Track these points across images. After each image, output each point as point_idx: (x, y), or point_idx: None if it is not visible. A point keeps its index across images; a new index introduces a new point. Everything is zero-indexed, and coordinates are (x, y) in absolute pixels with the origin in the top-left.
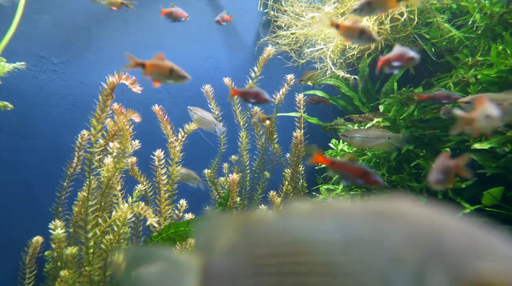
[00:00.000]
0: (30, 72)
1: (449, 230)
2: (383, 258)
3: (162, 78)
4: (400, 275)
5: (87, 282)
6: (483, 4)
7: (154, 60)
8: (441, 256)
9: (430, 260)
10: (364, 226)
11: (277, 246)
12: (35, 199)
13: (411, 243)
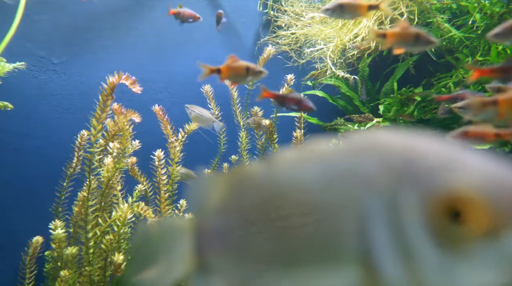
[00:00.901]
0: (30, 72)
1: (421, 150)
2: (357, 187)
3: (240, 79)
4: (375, 202)
5: (87, 282)
6: (483, 4)
7: (227, 63)
8: (412, 176)
9: (401, 182)
10: (340, 160)
11: (262, 195)
12: (35, 199)
13: (383, 168)
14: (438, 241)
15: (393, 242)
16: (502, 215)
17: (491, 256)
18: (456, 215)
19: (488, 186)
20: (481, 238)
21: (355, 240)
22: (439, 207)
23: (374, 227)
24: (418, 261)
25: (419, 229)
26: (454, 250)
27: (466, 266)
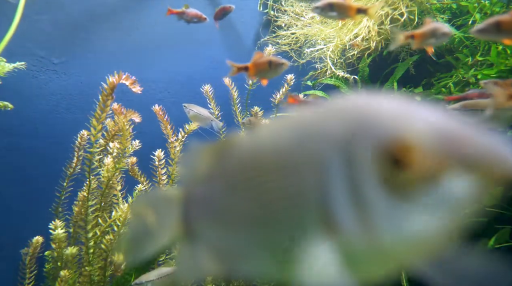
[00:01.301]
0: (30, 72)
1: (376, 107)
2: (320, 145)
3: (264, 74)
4: (335, 158)
5: (87, 282)
6: (483, 4)
7: (253, 59)
8: (365, 130)
9: (356, 136)
10: (308, 122)
11: (243, 161)
12: (35, 199)
13: (342, 126)
14: (386, 189)
15: (349, 194)
16: (441, 160)
17: (433, 201)
18: (401, 162)
19: (429, 134)
20: (423, 183)
21: (318, 195)
22: (385, 156)
23: (334, 181)
24: (370, 211)
25: (370, 180)
26: (400, 197)
27: (412, 211)
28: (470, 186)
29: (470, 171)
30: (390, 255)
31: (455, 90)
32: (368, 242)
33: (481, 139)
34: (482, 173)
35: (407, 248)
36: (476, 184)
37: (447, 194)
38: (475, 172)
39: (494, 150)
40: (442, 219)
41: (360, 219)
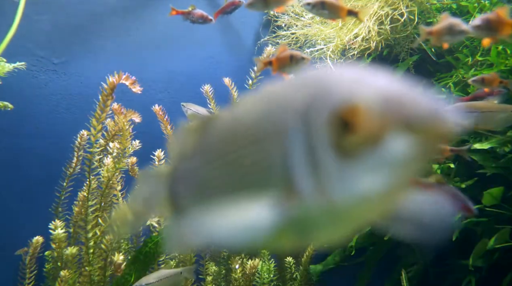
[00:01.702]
0: (30, 72)
1: (335, 77)
2: (285, 114)
3: (287, 68)
4: (296, 125)
5: (87, 282)
6: (483, 4)
7: (277, 54)
8: (321, 97)
9: (313, 103)
10: (278, 93)
11: (220, 136)
12: (35, 199)
13: (303, 94)
14: (338, 152)
15: (306, 159)
16: (384, 121)
17: (378, 160)
18: (349, 125)
19: (374, 97)
20: (369, 144)
21: (281, 162)
22: (336, 120)
23: (294, 148)
24: (324, 173)
25: (323, 144)
26: (350, 159)
27: (359, 172)
28: (412, 145)
29: (411, 130)
30: (344, 215)
31: (455, 90)
32: (323, 204)
33: (422, 101)
34: (421, 132)
35: (358, 207)
36: (417, 142)
37: (391, 153)
38: (415, 131)
39: (433, 111)
40: (388, 177)
41: (315, 182)
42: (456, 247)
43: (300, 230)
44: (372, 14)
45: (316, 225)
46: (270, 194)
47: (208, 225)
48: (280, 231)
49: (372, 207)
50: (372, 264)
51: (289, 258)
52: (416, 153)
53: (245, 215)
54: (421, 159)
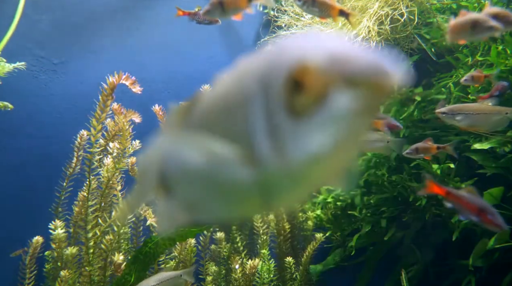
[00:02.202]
0: (30, 72)
1: (294, 43)
2: (251, 81)
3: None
4: (259, 91)
5: (87, 282)
6: (483, 4)
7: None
8: (278, 61)
9: (271, 68)
10: (244, 67)
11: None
12: (35, 199)
13: (265, 61)
14: (291, 112)
15: (265, 123)
16: (330, 78)
17: (325, 118)
18: (300, 84)
19: (321, 56)
20: (316, 103)
21: (245, 127)
22: (287, 81)
23: (255, 112)
24: (280, 135)
25: (279, 105)
26: (301, 119)
27: (310, 131)
28: (356, 100)
29: (354, 85)
30: (301, 175)
31: (455, 90)
32: (282, 165)
33: (365, 56)
34: (364, 86)
35: (313, 166)
36: (361, 97)
37: (337, 109)
38: (358, 86)
39: (373, 64)
40: (337, 133)
41: (273, 144)
42: (456, 247)
43: (264, 193)
44: (372, 14)
45: (277, 187)
46: (238, 159)
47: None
48: (248, 194)
49: (325, 164)
50: (372, 264)
51: (289, 258)
52: (361, 107)
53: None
54: (366, 113)
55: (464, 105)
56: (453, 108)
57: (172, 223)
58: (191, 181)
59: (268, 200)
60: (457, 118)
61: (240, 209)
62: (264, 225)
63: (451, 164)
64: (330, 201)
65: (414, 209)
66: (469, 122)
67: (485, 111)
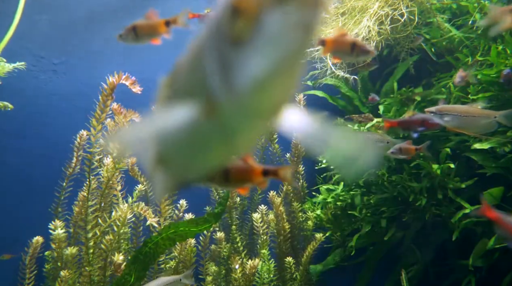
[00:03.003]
0: (30, 72)
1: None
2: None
3: (344, 55)
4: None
5: (87, 282)
6: (483, 4)
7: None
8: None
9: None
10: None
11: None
12: (35, 199)
13: (218, 9)
14: (234, 42)
15: (216, 59)
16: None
17: (263, 40)
18: (238, 11)
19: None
20: (252, 25)
21: (203, 74)
22: (227, 11)
23: (209, 55)
24: (226, 65)
25: (225, 38)
26: (241, 45)
27: (251, 55)
28: (290, 16)
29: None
30: (251, 105)
31: (455, 90)
32: (232, 98)
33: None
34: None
35: (260, 92)
36: (294, 11)
37: (273, 28)
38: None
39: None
40: (277, 52)
41: (223, 78)
42: (456, 247)
43: (227, 135)
44: (372, 14)
45: (235, 125)
46: (200, 112)
47: (182, 165)
48: (214, 142)
49: (272, 89)
50: (372, 264)
51: (289, 258)
52: (294, 22)
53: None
54: (302, 29)
55: (453, 106)
56: (442, 109)
57: (165, 190)
58: (172, 146)
59: (232, 142)
60: (445, 118)
61: (213, 159)
62: (264, 225)
63: (451, 164)
64: (330, 201)
65: (414, 209)
66: (457, 124)
67: (473, 114)
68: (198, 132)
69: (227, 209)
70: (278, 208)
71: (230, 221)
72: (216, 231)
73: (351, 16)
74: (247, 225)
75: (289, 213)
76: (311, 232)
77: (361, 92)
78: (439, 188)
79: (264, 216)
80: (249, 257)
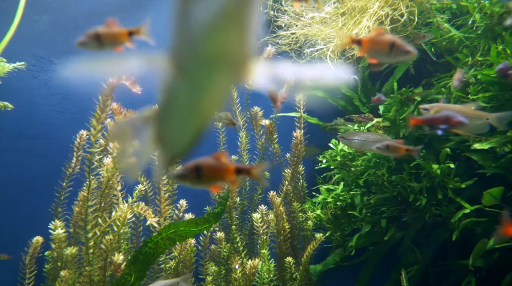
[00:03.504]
0: (30, 72)
1: None
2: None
3: (381, 56)
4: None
5: (87, 282)
6: (483, 4)
7: (371, 34)
8: None
9: None
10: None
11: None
12: (35, 199)
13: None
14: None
15: (178, 9)
16: None
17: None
18: None
19: None
20: None
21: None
22: None
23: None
24: (185, 15)
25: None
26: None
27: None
28: None
29: None
30: (208, 54)
31: (455, 90)
32: (189, 48)
33: None
34: None
35: (212, 38)
36: None
37: None
38: None
39: None
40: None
41: (181, 28)
42: (456, 247)
43: (193, 93)
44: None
45: (196, 79)
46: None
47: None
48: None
49: (222, 33)
50: (372, 264)
51: (289, 258)
52: None
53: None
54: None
55: (447, 105)
56: (434, 106)
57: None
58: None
59: (200, 98)
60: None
61: (191, 122)
62: (264, 225)
63: (451, 164)
64: (330, 201)
65: (414, 209)
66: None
67: (466, 114)
68: (174, 92)
69: (227, 209)
70: (278, 208)
71: (230, 221)
72: (216, 231)
73: (351, 16)
74: (247, 225)
75: (289, 213)
76: (311, 232)
77: (361, 92)
78: (439, 188)
79: (264, 216)
80: (249, 257)
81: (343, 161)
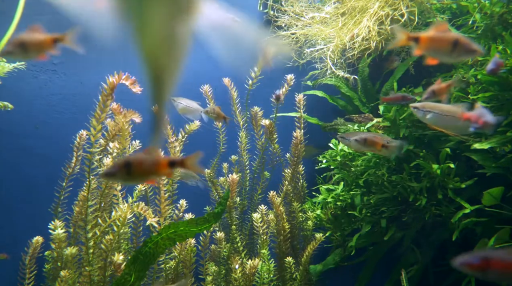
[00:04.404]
0: (30, 72)
1: None
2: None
3: (442, 55)
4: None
5: (87, 282)
6: (483, 4)
7: (431, 31)
8: None
9: None
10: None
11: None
12: (35, 199)
13: None
14: None
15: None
16: None
17: None
18: None
19: None
20: None
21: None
22: None
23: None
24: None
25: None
26: None
27: None
28: None
29: None
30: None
31: (455, 90)
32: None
33: None
34: None
35: None
36: None
37: None
38: None
39: None
40: None
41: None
42: (456, 247)
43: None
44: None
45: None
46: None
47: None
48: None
49: None
50: (372, 264)
51: (289, 258)
52: None
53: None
54: None
55: (437, 104)
56: (425, 105)
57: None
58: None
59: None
60: (427, 116)
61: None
62: (264, 225)
63: (451, 164)
64: (330, 201)
65: (414, 209)
66: (438, 122)
67: (455, 115)
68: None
69: (227, 209)
70: (278, 208)
71: (230, 221)
72: (216, 231)
73: (351, 16)
74: (247, 225)
75: (289, 213)
76: (311, 232)
77: (361, 92)
78: (439, 188)
79: (264, 216)
80: (249, 257)
81: (343, 161)
